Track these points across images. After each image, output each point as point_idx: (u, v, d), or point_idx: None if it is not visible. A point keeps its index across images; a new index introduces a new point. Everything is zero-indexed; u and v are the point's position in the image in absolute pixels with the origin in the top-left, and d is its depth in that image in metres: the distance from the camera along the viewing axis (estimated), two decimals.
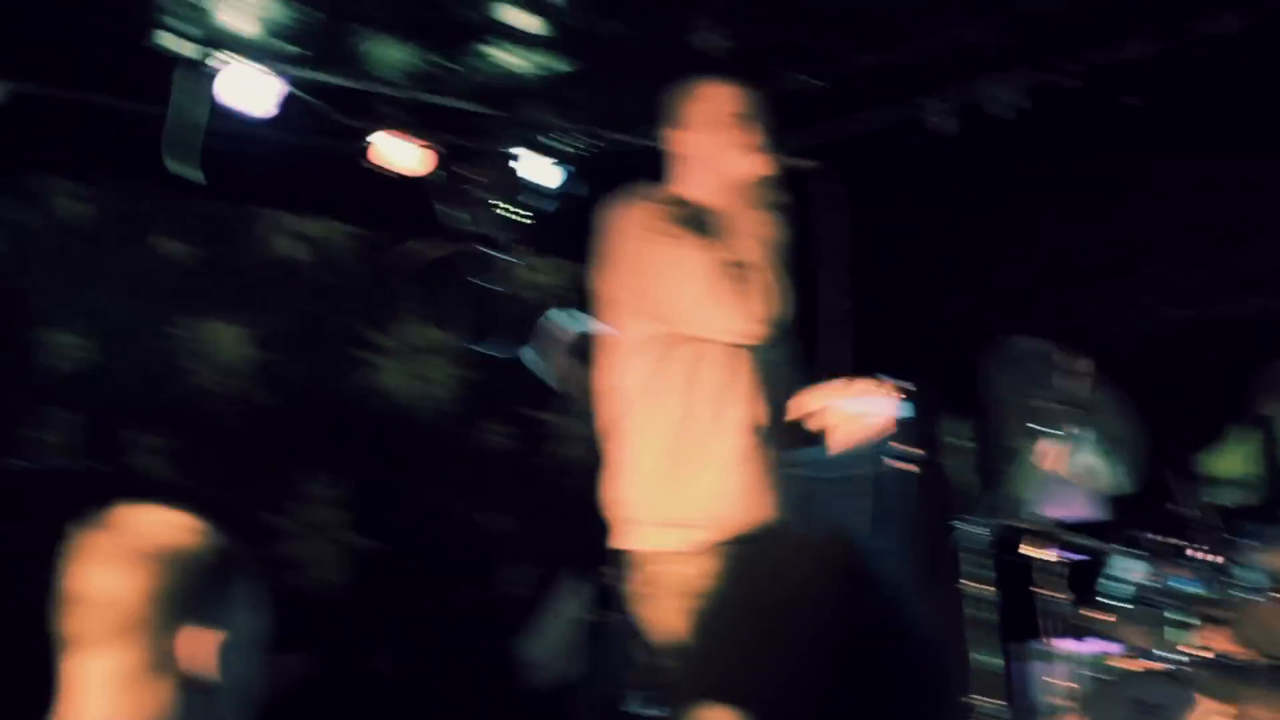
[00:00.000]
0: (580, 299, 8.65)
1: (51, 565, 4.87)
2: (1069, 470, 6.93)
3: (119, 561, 2.23)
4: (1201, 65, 6.18)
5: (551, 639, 6.90)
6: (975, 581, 6.03)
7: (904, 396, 6.66)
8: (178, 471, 7.18)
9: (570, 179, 7.05)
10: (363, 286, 7.90)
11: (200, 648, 2.25)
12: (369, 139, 6.67)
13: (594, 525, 5.42)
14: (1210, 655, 5.50)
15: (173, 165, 6.12)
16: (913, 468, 6.61)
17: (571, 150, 7.06)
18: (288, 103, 6.40)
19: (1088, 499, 7.05)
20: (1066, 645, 6.03)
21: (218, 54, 6.16)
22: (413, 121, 6.78)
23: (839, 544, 1.64)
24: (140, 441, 7.10)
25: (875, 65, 6.63)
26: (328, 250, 7.84)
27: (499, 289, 7.03)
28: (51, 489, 5.62)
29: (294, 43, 6.26)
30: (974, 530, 6.04)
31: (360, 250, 7.90)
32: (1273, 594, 5.46)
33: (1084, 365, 5.96)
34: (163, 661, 2.24)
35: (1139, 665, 5.70)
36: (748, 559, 1.66)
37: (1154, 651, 5.60)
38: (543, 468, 7.69)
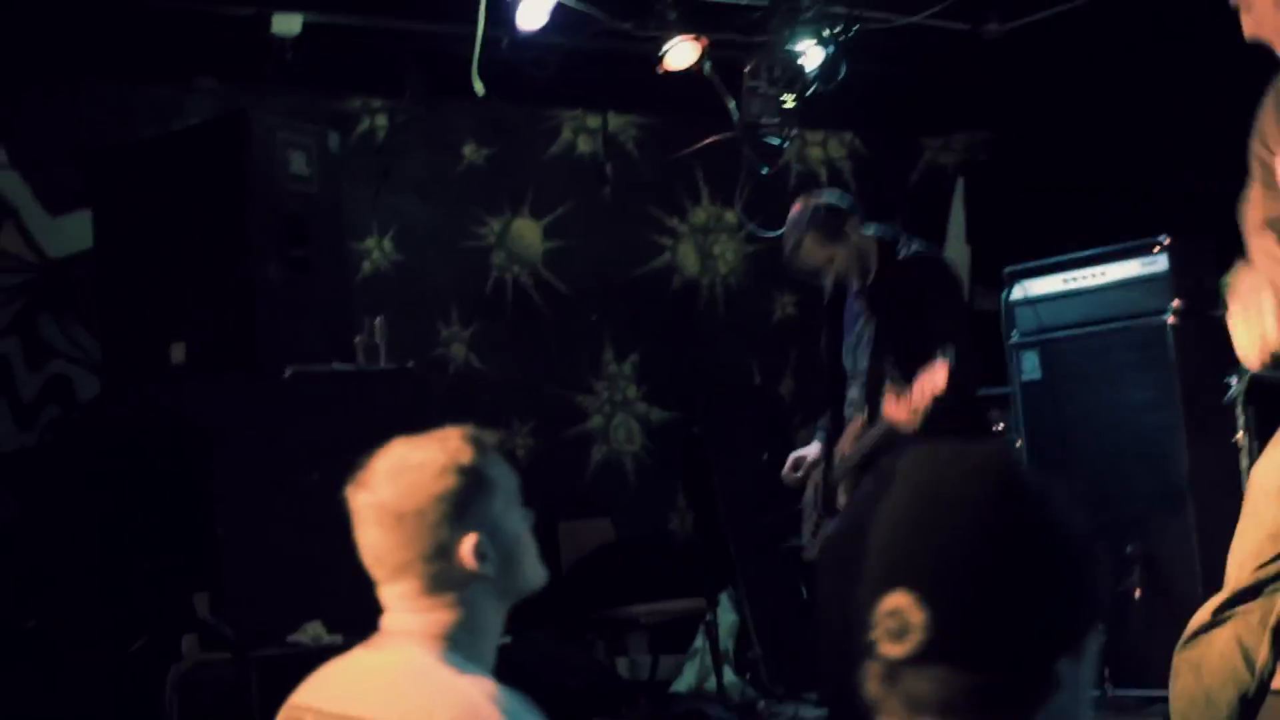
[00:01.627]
0: (855, 168, 8.97)
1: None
2: None
3: (376, 523, 2.67)
4: None
5: None
6: (1241, 430, 6.16)
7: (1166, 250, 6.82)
8: (487, 360, 7.73)
9: (833, 58, 7.25)
10: (651, 173, 8.30)
11: (469, 553, 2.67)
12: (665, 47, 6.97)
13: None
14: None
15: (476, 81, 6.54)
16: (1177, 320, 6.78)
17: (834, 31, 7.25)
18: (566, 10, 6.77)
19: None
20: None
21: None
22: (684, 17, 7.07)
23: (995, 455, 1.99)
24: (453, 335, 7.69)
25: None
26: (617, 141, 8.26)
27: (771, 169, 7.25)
28: (375, 388, 6.02)
29: None
30: (1240, 380, 6.14)
31: (646, 140, 8.30)
32: None
33: None
34: (442, 581, 2.67)
35: None
36: (916, 464, 2.01)
37: None
38: None
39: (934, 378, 5.45)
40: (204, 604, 5.28)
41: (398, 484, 2.65)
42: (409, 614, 2.64)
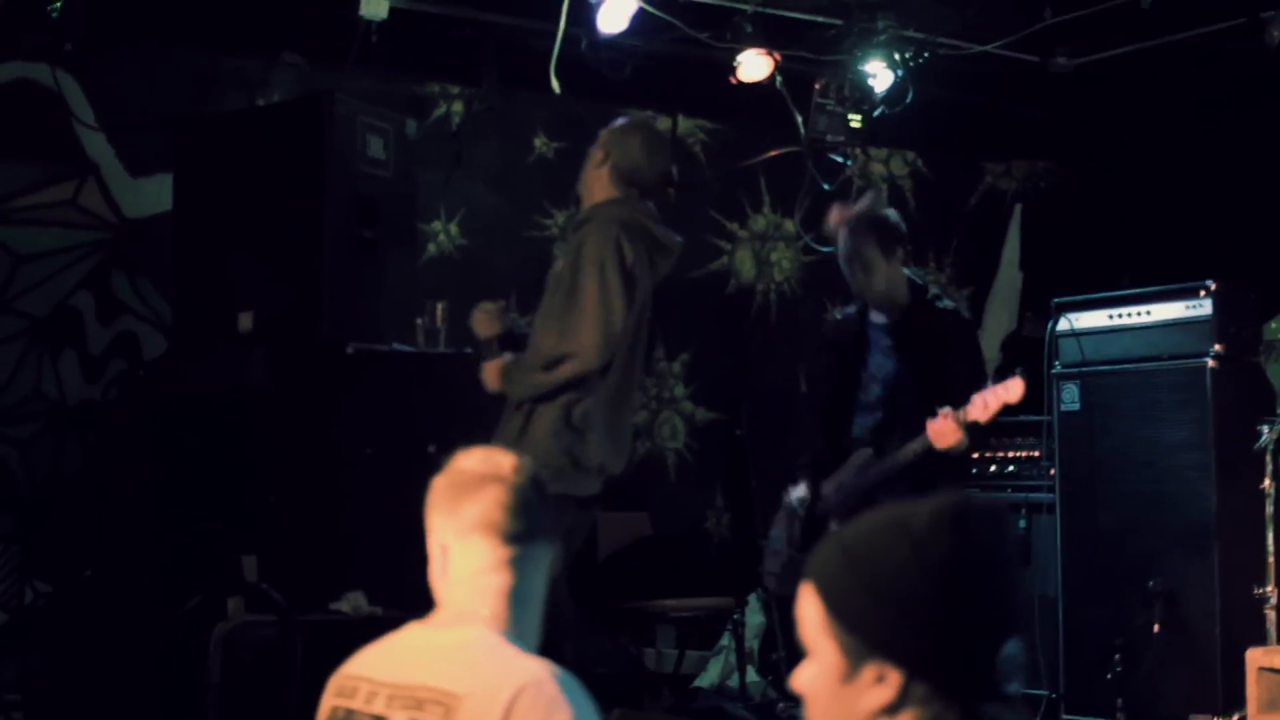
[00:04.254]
0: (915, 186, 9.09)
1: (432, 437, 5.55)
2: None
3: (443, 505, 2.90)
4: None
5: None
6: (1271, 478, 6.27)
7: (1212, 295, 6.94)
8: None
9: (902, 81, 7.38)
10: (715, 178, 8.43)
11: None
12: (738, 59, 7.13)
13: None
14: None
15: (554, 79, 6.70)
16: (1217, 365, 6.89)
17: (906, 55, 7.39)
18: (645, 15, 6.93)
19: None
20: None
21: None
22: (759, 30, 7.22)
23: (965, 499, 2.16)
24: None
25: None
26: (681, 144, 8.41)
27: (833, 185, 7.37)
28: (434, 371, 6.22)
29: None
30: (1275, 431, 6.25)
31: (710, 143, 8.45)
32: None
33: None
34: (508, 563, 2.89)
35: None
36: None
37: None
38: None
39: (1010, 389, 5.66)
40: (252, 567, 5.47)
41: (481, 464, 2.95)
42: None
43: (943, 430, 5.70)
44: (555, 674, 2.72)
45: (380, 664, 2.87)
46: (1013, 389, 5.66)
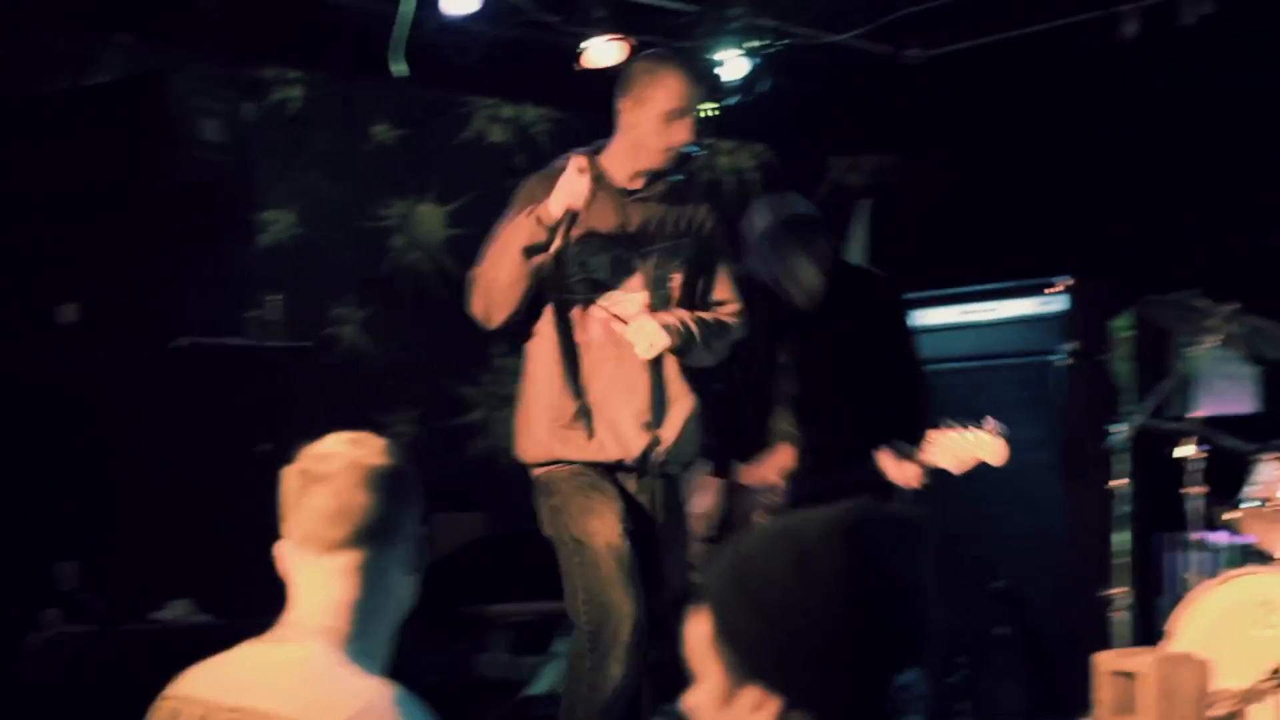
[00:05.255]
0: (765, 178, 8.99)
1: (266, 435, 5.34)
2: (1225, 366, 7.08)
3: (286, 503, 2.69)
4: None
5: None
6: (1121, 478, 6.24)
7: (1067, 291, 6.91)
8: (378, 344, 7.70)
9: (756, 71, 7.29)
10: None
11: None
12: (584, 44, 6.97)
13: None
14: None
15: (393, 62, 6.49)
16: (1072, 361, 6.86)
17: (759, 44, 7.29)
18: None
19: (1243, 395, 7.20)
20: (1206, 538, 6.25)
21: None
22: (611, 15, 7.07)
23: (860, 508, 2.00)
24: (346, 315, 7.66)
25: None
26: (526, 133, 8.25)
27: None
28: (266, 365, 5.99)
29: None
30: (1126, 427, 6.22)
31: (556, 133, 8.28)
32: None
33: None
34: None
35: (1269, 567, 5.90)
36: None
37: None
38: None
39: (993, 451, 5.42)
40: (73, 574, 5.22)
41: (335, 452, 2.68)
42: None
43: (903, 475, 5.42)
44: (395, 697, 2.50)
45: (209, 683, 2.64)
46: (995, 451, 5.39)
